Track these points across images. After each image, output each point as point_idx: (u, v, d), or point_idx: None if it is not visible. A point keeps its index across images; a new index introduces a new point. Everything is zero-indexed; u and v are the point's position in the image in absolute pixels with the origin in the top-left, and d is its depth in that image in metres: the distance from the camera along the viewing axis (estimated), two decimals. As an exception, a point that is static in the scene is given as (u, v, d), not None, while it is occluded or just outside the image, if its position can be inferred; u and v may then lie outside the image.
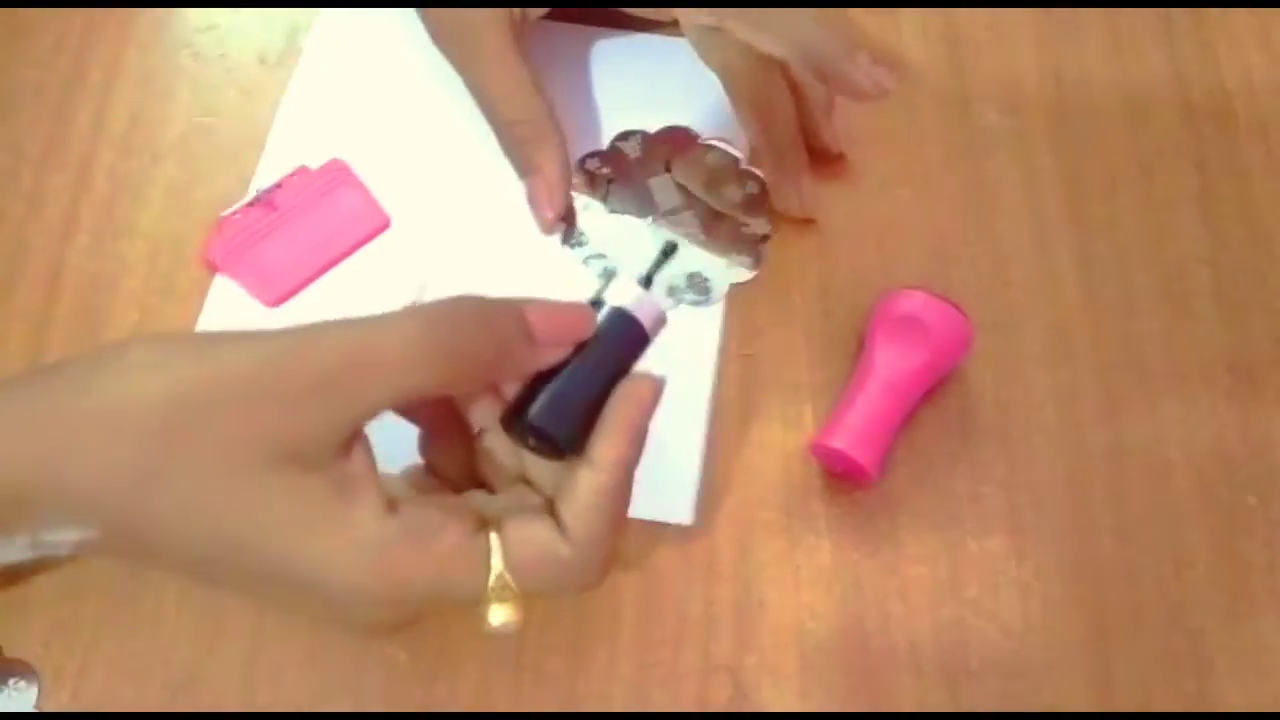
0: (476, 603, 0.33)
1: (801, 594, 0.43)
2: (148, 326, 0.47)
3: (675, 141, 0.51)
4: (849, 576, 0.43)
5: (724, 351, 0.47)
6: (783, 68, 0.47)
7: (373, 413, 0.32)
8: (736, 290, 0.48)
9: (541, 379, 0.34)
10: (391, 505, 0.32)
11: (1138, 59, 0.54)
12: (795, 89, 0.49)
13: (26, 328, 0.47)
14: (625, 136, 0.51)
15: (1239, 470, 0.45)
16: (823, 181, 0.50)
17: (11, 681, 0.41)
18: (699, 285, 0.48)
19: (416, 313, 0.32)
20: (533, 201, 0.49)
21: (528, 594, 0.33)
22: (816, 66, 0.43)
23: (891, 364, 0.44)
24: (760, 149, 0.49)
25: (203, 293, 0.48)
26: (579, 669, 0.41)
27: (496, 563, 0.33)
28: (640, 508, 0.43)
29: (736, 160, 0.50)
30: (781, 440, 0.45)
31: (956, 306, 0.44)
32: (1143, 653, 0.42)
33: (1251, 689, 0.41)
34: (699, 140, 0.51)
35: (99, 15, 0.54)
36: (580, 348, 0.34)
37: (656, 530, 0.44)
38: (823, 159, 0.51)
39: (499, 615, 0.33)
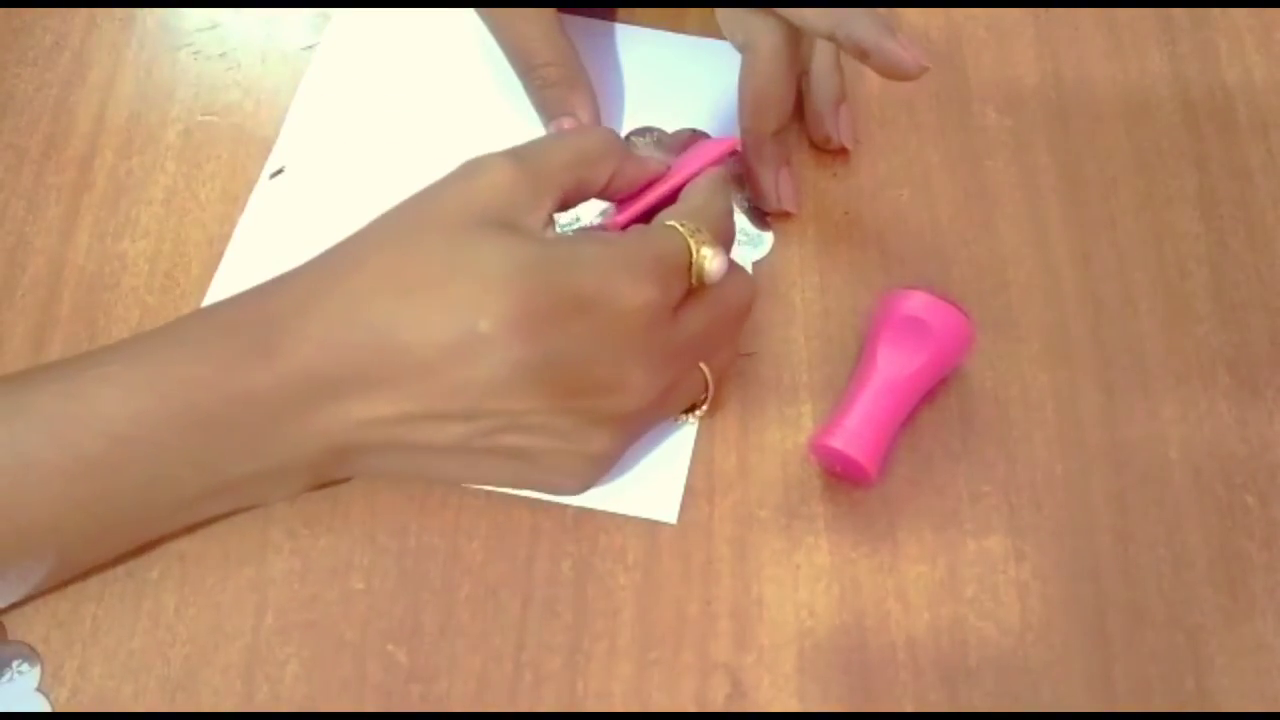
0: (688, 256, 0.40)
1: (800, 593, 0.43)
2: (149, 325, 0.47)
3: (690, 145, 0.51)
4: (848, 576, 0.43)
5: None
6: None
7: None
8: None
9: None
10: None
11: (1137, 59, 0.54)
12: (802, 88, 0.49)
13: (27, 328, 0.47)
14: (642, 132, 0.51)
15: (1238, 470, 0.45)
16: (822, 181, 0.51)
17: (15, 664, 0.41)
18: None
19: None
20: None
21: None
22: (858, 42, 0.43)
23: (892, 364, 0.44)
24: (743, 133, 0.49)
25: (202, 291, 0.48)
26: (578, 668, 0.41)
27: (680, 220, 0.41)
28: (626, 504, 0.44)
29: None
30: (781, 440, 0.45)
31: (958, 306, 0.44)
32: (1142, 652, 0.42)
33: (1251, 688, 0.41)
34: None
35: (99, 15, 0.54)
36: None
37: (655, 530, 0.44)
38: (822, 151, 0.51)
39: (712, 258, 0.40)
